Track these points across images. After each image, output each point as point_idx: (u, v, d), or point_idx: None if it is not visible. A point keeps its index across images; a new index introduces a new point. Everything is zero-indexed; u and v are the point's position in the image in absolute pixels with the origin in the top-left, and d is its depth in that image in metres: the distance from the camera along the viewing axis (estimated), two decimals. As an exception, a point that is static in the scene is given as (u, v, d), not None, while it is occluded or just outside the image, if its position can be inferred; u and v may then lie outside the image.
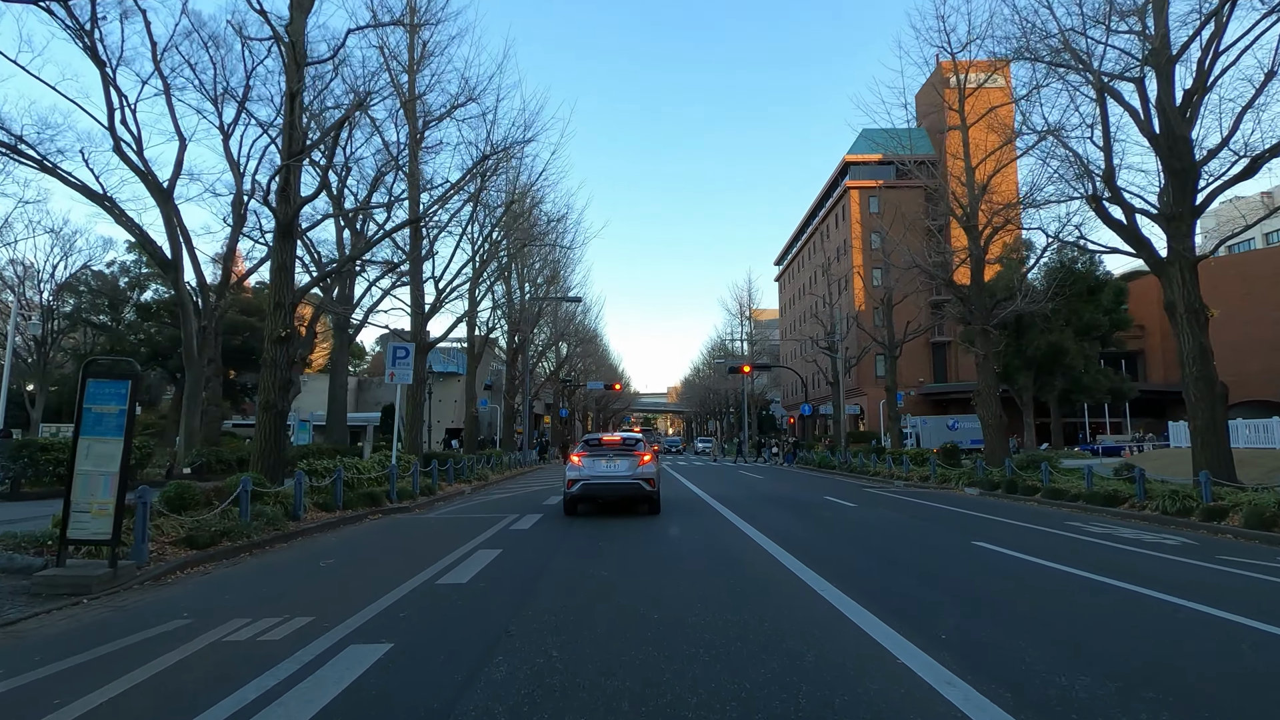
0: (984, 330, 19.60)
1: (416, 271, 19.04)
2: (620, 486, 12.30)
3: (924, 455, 23.32)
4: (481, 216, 22.63)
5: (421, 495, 15.45)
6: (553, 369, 45.16)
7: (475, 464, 22.17)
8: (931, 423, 45.92)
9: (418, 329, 19.02)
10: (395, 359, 15.07)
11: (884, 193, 65.52)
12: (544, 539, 9.70)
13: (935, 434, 44.20)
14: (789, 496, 17.16)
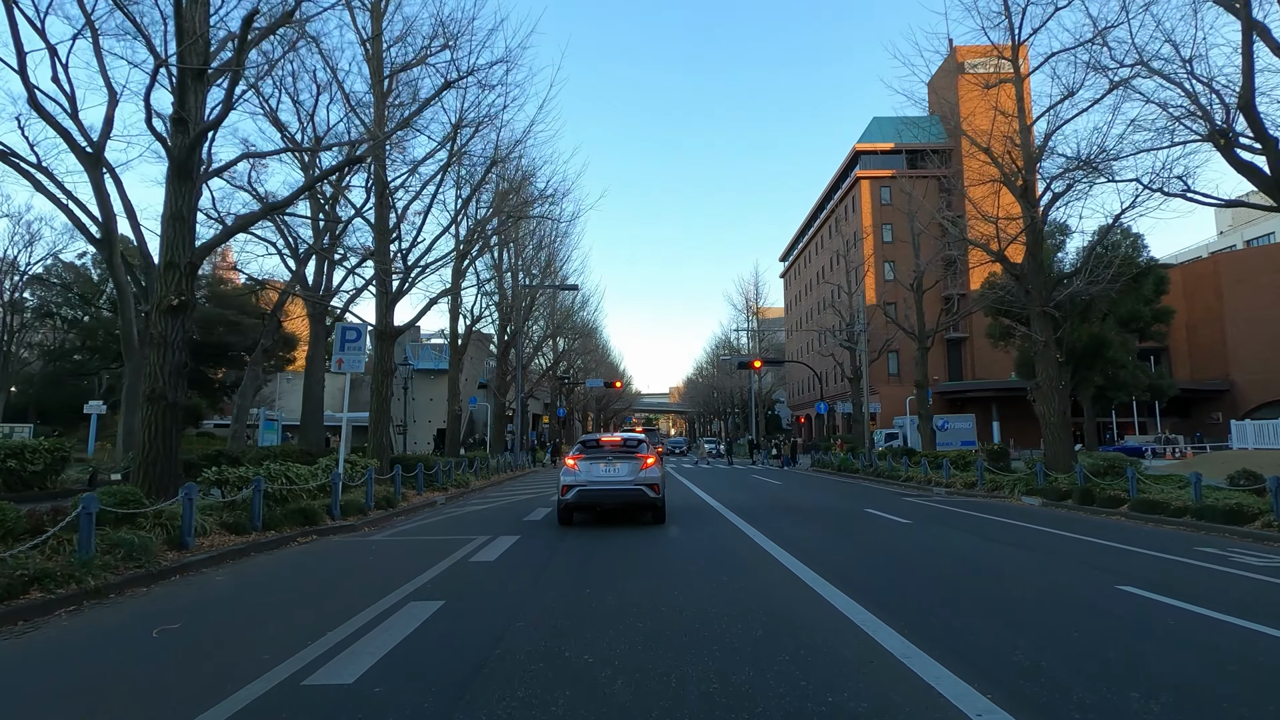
0: (1044, 312, 16.82)
1: (382, 247, 16.32)
2: (621, 493, 10.91)
3: (966, 458, 20.54)
4: (463, 178, 19.96)
5: (378, 509, 12.71)
6: (548, 365, 42.38)
7: (454, 468, 19.43)
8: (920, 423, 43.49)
9: (383, 313, 16.29)
10: (344, 343, 12.36)
11: (896, 182, 62.87)
12: (509, 580, 6.94)
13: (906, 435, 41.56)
14: (821, 508, 14.41)
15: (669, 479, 21.29)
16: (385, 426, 16.40)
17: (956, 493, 18.32)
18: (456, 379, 24.43)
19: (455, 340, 24.79)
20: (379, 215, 16.59)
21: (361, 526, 11.21)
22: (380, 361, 16.61)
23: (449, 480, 18.14)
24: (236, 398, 23.51)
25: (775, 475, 27.46)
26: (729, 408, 78.80)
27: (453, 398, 24.23)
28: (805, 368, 74.82)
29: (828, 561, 7.84)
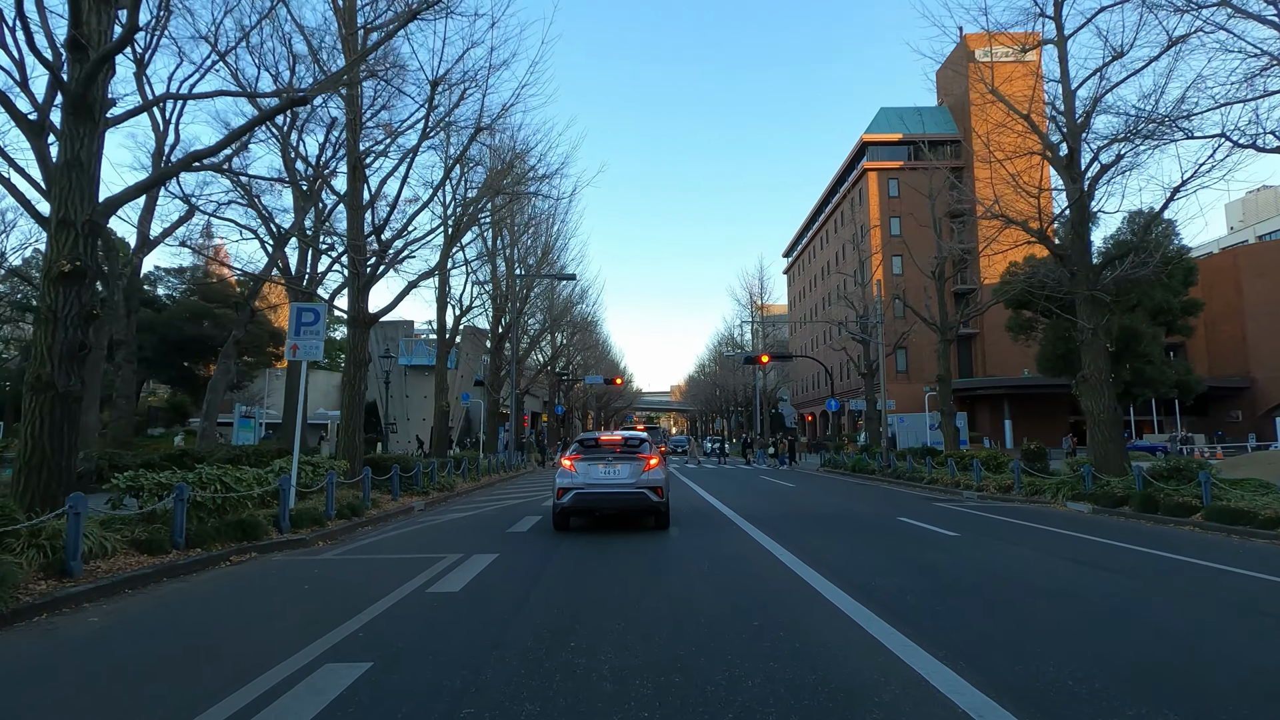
0: (1091, 296, 15.09)
1: (355, 223, 14.63)
2: (621, 496, 10.16)
3: (998, 459, 18.82)
4: (446, 146, 18.29)
5: (341, 518, 11.02)
6: (545, 360, 40.64)
7: (437, 470, 17.75)
8: (909, 421, 41.67)
9: (356, 298, 14.60)
10: (300, 326, 10.66)
11: (909, 171, 61.10)
12: (471, 623, 5.25)
13: (914, 433, 39.78)
14: (846, 515, 12.70)
15: (672, 480, 19.62)
16: (358, 424, 14.72)
17: (990, 497, 16.62)
18: (444, 373, 22.74)
19: (443, 331, 23.10)
20: (352, 189, 14.91)
21: (315, 541, 9.52)
22: (353, 351, 14.93)
23: (431, 484, 16.45)
24: (206, 393, 21.82)
25: (784, 477, 25.77)
26: (732, 406, 77.09)
27: (440, 393, 22.54)
28: (810, 365, 73.19)
29: (878, 591, 6.14)
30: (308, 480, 11.97)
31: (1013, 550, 8.73)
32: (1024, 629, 5.04)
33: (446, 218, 17.85)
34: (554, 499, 10.30)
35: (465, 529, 10.93)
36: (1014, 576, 7.06)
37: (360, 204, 14.81)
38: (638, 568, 7.48)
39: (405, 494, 15.08)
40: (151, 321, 38.37)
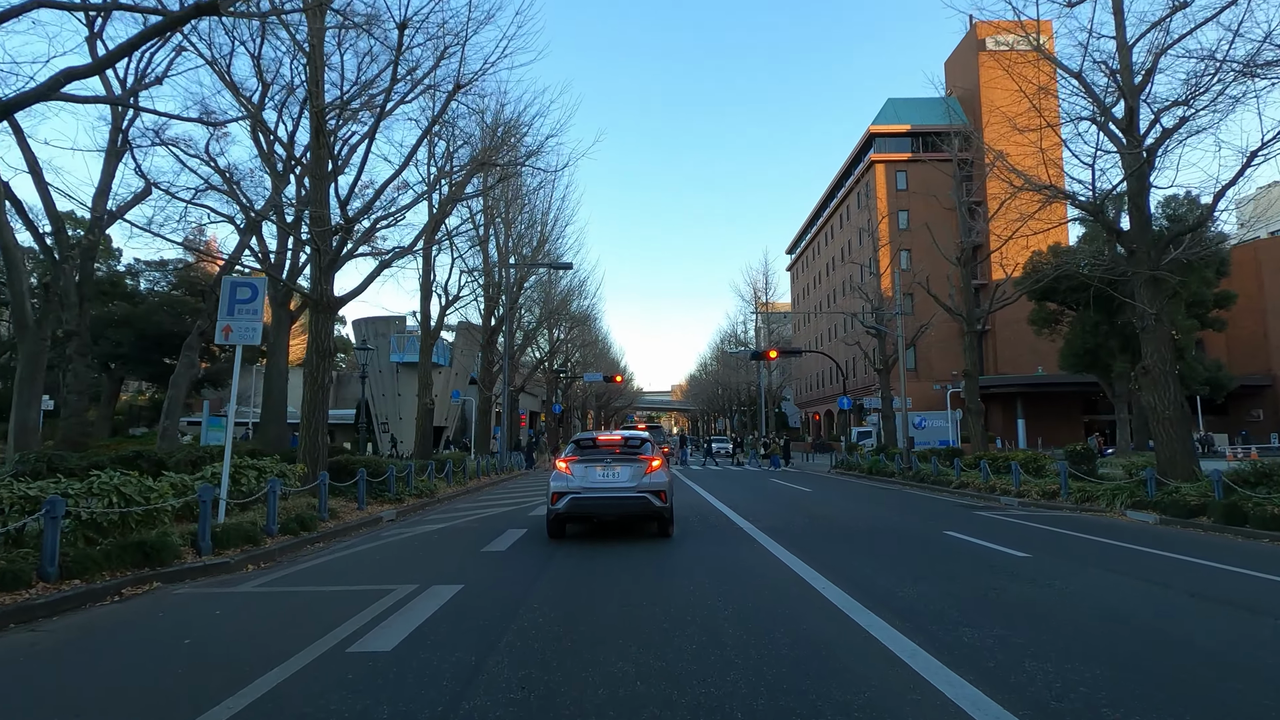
0: (1153, 277, 13.28)
1: (319, 193, 12.86)
2: (621, 501, 9.43)
3: (1039, 461, 17.03)
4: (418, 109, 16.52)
5: (285, 534, 9.25)
6: (541, 357, 38.83)
7: (416, 474, 15.99)
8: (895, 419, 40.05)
9: (319, 279, 12.82)
10: (233, 304, 8.88)
11: (926, 155, 59.26)
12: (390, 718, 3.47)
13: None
14: (880, 527, 10.90)
15: (675, 483, 17.88)
16: (320, 422, 12.96)
17: (1033, 503, 14.83)
18: (428, 368, 20.97)
19: (427, 321, 21.28)
20: (315, 156, 13.14)
21: (242, 565, 7.73)
22: (316, 339, 13.15)
23: (406, 489, 14.68)
24: (169, 389, 20.04)
25: (796, 480, 23.98)
26: (735, 405, 75.32)
27: (424, 389, 20.75)
28: (814, 364, 71.40)
29: (974, 651, 4.35)
30: (251, 487, 10.21)
31: (1111, 579, 6.95)
32: (1150, 689, 3.25)
33: (431, 193, 16.03)
34: (548, 504, 9.52)
35: (434, 547, 9.16)
36: (1145, 624, 5.26)
37: (325, 173, 13.03)
38: (639, 613, 5.70)
39: (375, 502, 13.31)
40: (129, 315, 36.64)
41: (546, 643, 4.73)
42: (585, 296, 40.62)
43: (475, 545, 9.17)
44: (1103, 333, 27.54)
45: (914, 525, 11.27)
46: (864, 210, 61.09)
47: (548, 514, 9.59)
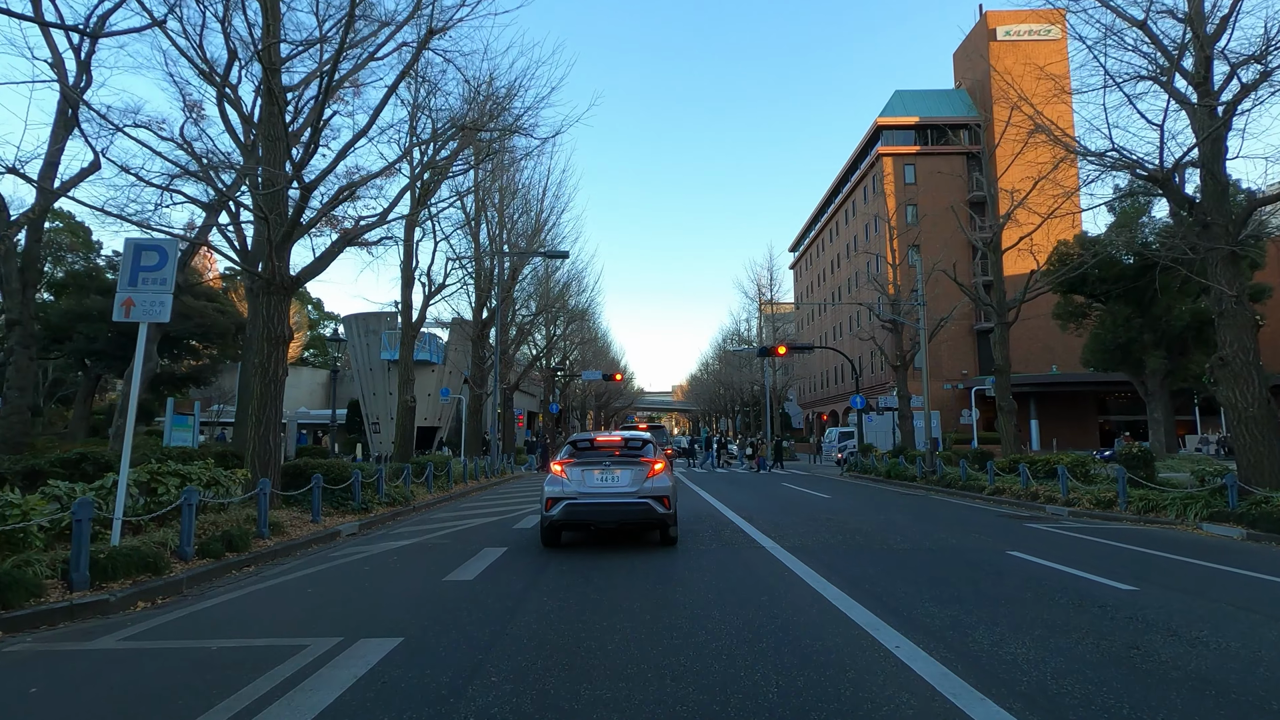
0: (1232, 254, 11.54)
1: (271, 156, 11.12)
2: (621, 508, 8.74)
3: (1084, 465, 15.26)
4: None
5: (205, 557, 7.51)
6: (537, 353, 37.04)
7: (389, 479, 14.25)
8: (878, 421, 38.08)
9: (269, 254, 11.06)
10: (136, 271, 7.17)
11: (918, 159, 57.57)
12: None
13: (883, 433, 36.28)
14: (925, 545, 9.13)
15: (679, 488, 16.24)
16: (271, 420, 11.22)
17: (1086, 514, 13.08)
18: (409, 362, 19.20)
19: (409, 312, 19.52)
20: (266, 113, 11.42)
21: (126, 604, 5.98)
22: (268, 324, 11.41)
23: (376, 497, 12.92)
24: (123, 385, 18.28)
25: (808, 484, 22.22)
26: (738, 405, 73.53)
27: (405, 386, 18.98)
28: (818, 364, 69.59)
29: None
30: (173, 499, 8.47)
31: (1255, 622, 5.20)
32: None
33: (405, 158, 14.25)
34: (542, 510, 8.89)
35: (386, 574, 7.41)
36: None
37: (279, 134, 11.26)
38: (641, 677, 3.94)
39: (336, 513, 11.56)
40: (104, 310, 34.77)
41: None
42: (583, 290, 38.83)
43: (439, 571, 7.42)
44: (1135, 326, 25.75)
45: (967, 543, 9.50)
46: (871, 205, 59.46)
47: (541, 521, 8.96)
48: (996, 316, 19.54)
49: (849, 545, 9.12)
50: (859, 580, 6.81)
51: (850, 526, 11.10)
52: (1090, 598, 6.12)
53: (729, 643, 4.72)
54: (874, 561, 7.91)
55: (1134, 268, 25.48)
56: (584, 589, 6.46)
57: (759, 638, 4.84)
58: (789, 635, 4.90)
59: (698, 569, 7.40)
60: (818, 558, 8.10)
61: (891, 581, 6.76)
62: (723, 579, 6.87)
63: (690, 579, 6.88)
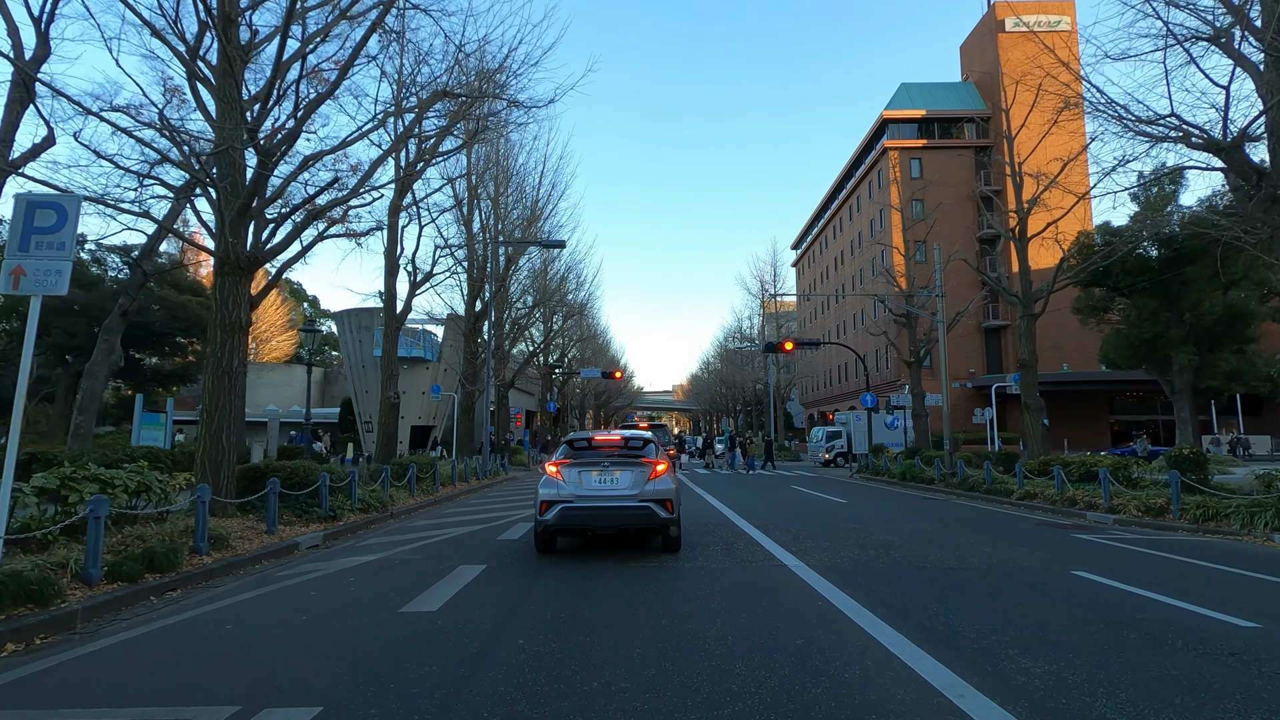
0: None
1: (227, 120, 9.85)
2: (620, 512, 8.05)
3: (1127, 467, 13.97)
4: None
5: (116, 581, 6.23)
6: (533, 349, 35.73)
7: (364, 483, 12.97)
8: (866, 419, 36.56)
9: (223, 230, 9.78)
10: (28, 234, 5.85)
11: (926, 152, 56.36)
12: None
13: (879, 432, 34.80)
14: (972, 564, 7.85)
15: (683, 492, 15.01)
16: (226, 418, 9.95)
17: (1133, 521, 11.79)
18: (393, 356, 17.88)
19: (392, 302, 18.16)
20: (221, 70, 10.12)
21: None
22: (221, 309, 10.12)
23: (347, 503, 11.63)
24: (83, 380, 16.99)
25: (817, 486, 20.93)
26: (740, 404, 72.23)
27: (388, 382, 17.67)
28: (821, 363, 68.19)
29: None
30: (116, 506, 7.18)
31: None
32: None
33: (386, 122, 12.94)
34: (536, 514, 8.31)
35: (332, 601, 6.12)
36: None
37: (236, 96, 9.98)
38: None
39: (299, 521, 10.27)
40: (84, 303, 33.56)
41: None
42: (582, 285, 37.50)
43: (398, 597, 6.13)
44: (1164, 321, 24.43)
45: (1018, 559, 8.21)
46: (876, 200, 58.24)
47: (535, 526, 8.44)
48: (1022, 309, 18.25)
49: (885, 563, 7.83)
50: (912, 613, 5.53)
51: (879, 539, 9.81)
52: (1211, 640, 4.84)
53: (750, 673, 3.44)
54: (921, 586, 6.63)
55: (1161, 259, 24.23)
56: (571, 627, 5.18)
57: (805, 710, 3.55)
58: (845, 707, 3.61)
59: (711, 597, 6.12)
60: (853, 580, 6.81)
61: (953, 615, 5.48)
62: (743, 612, 5.59)
63: (703, 612, 5.60)
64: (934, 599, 6.05)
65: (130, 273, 18.71)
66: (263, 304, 55.00)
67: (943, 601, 5.95)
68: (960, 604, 5.86)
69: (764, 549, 8.85)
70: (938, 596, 6.15)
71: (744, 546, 9.07)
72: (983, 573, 7.31)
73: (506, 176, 24.14)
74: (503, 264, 24.51)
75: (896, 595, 6.18)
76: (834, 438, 36.79)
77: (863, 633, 4.96)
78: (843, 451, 35.73)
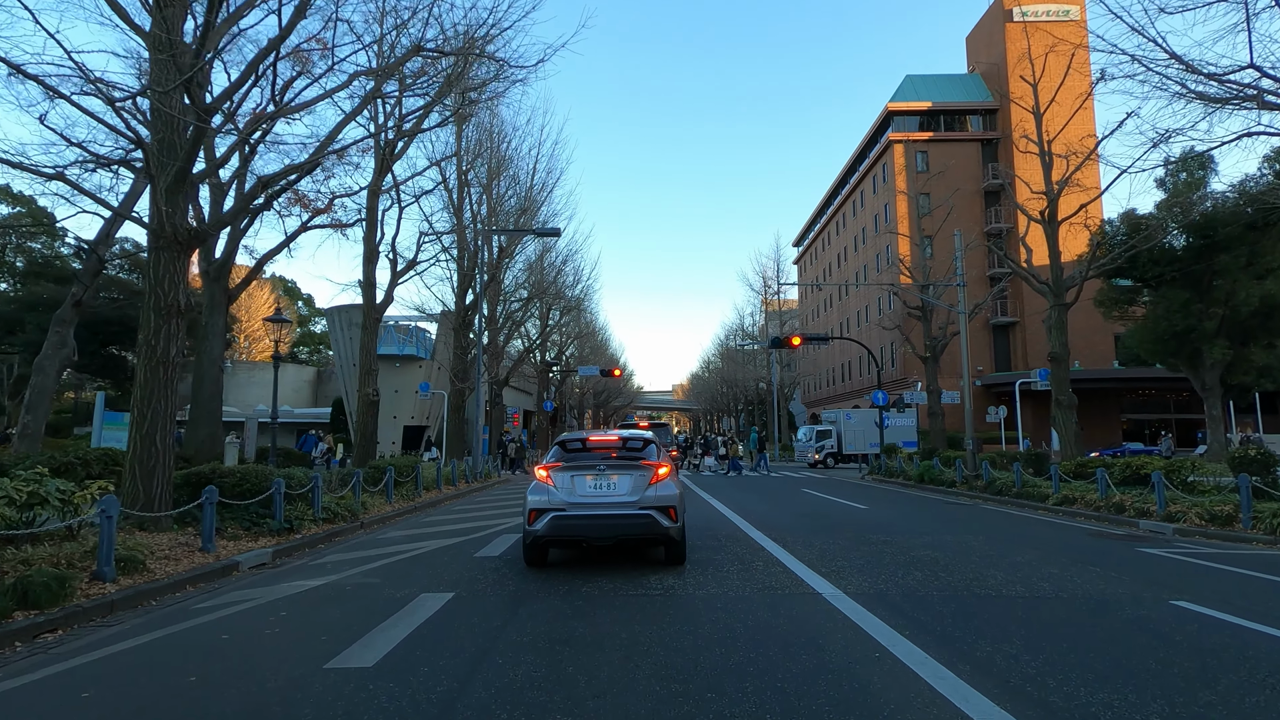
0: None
1: (161, 73, 8.47)
2: (618, 522, 7.20)
3: (1181, 469, 12.61)
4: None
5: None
6: (528, 345, 34.32)
7: (330, 488, 11.59)
8: (857, 418, 35.33)
9: (158, 199, 8.40)
10: None
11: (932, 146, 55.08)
12: None
13: (861, 433, 33.55)
14: (1051, 591, 6.48)
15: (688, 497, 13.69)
16: (163, 417, 8.57)
17: (1197, 531, 10.44)
18: (372, 349, 16.45)
19: (371, 292, 16.73)
20: (156, 20, 8.73)
21: None
22: (156, 290, 8.73)
23: (307, 513, 10.23)
24: (32, 375, 15.61)
25: (828, 489, 19.57)
26: (741, 404, 70.84)
27: (366, 377, 16.24)
28: (826, 360, 66.83)
29: None
30: None
31: None
32: None
33: (371, 93, 11.53)
34: (524, 524, 7.48)
35: (242, 655, 4.72)
36: None
37: (168, 39, 8.57)
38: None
39: (245, 535, 8.88)
40: (57, 299, 32.10)
41: None
42: (579, 281, 36.06)
43: (331, 643, 4.75)
44: (1195, 313, 23.07)
45: (1095, 583, 6.84)
46: (880, 196, 57.01)
47: (523, 537, 7.57)
48: (1052, 298, 16.89)
49: (941, 591, 6.45)
50: (1009, 675, 4.14)
51: (920, 556, 8.42)
52: None
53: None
54: (1000, 626, 5.23)
55: (1191, 248, 22.88)
56: (550, 695, 3.80)
57: None
58: None
59: (734, 644, 4.74)
60: (910, 618, 5.43)
61: (1065, 678, 4.08)
62: (780, 670, 4.21)
63: (725, 669, 4.22)
64: (1026, 648, 4.66)
65: (85, 259, 17.28)
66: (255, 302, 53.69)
67: (1040, 653, 4.56)
68: (1065, 658, 4.47)
69: (788, 569, 7.47)
70: (1029, 644, 4.76)
71: (763, 565, 7.69)
72: (1066, 605, 5.93)
73: (498, 160, 22.76)
74: (495, 253, 23.12)
75: (976, 642, 4.79)
76: (824, 437, 35.34)
77: (959, 714, 3.57)
78: (832, 452, 34.38)
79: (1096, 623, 5.34)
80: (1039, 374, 23.16)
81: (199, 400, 20.88)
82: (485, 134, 21.99)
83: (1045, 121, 17.83)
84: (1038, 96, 17.60)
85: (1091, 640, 4.85)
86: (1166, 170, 22.43)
